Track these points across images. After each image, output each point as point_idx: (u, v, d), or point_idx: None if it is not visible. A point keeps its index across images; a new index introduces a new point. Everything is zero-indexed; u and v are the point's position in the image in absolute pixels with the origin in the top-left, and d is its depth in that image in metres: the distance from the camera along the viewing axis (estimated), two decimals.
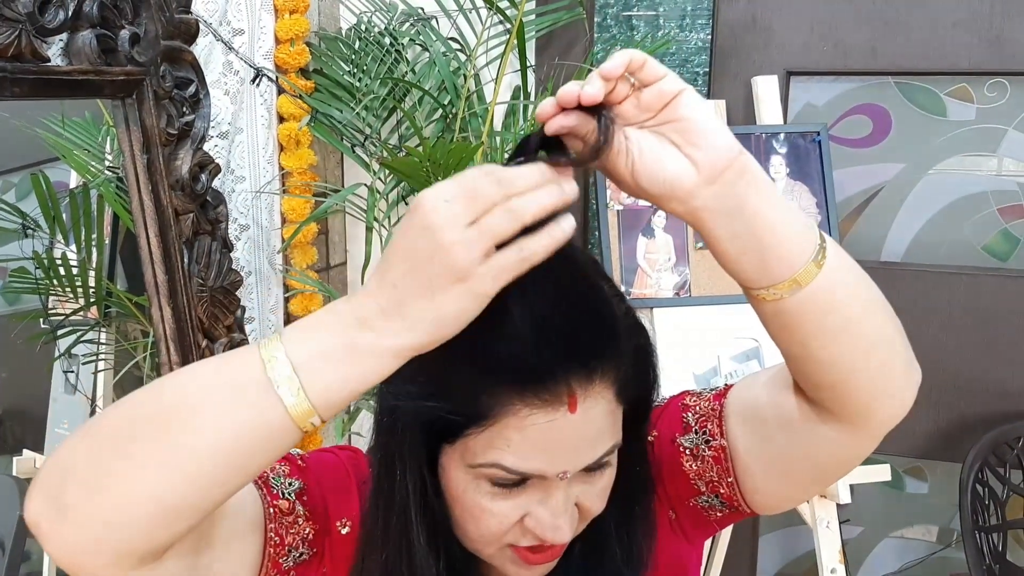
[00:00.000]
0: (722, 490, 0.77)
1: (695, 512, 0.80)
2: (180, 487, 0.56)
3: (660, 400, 0.80)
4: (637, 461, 0.75)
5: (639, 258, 1.74)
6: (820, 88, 1.95)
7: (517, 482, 0.66)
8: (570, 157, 0.60)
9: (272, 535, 0.71)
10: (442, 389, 0.64)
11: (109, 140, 1.62)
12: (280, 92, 1.78)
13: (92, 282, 1.66)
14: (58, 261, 1.64)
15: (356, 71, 1.79)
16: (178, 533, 0.58)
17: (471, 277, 0.55)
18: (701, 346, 1.69)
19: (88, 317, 1.68)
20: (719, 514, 0.79)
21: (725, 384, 0.80)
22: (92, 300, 1.67)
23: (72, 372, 1.75)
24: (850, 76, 1.91)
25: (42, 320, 1.70)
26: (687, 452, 0.78)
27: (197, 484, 0.56)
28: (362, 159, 1.80)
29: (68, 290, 1.65)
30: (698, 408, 0.79)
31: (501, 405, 0.63)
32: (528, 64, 1.65)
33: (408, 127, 1.83)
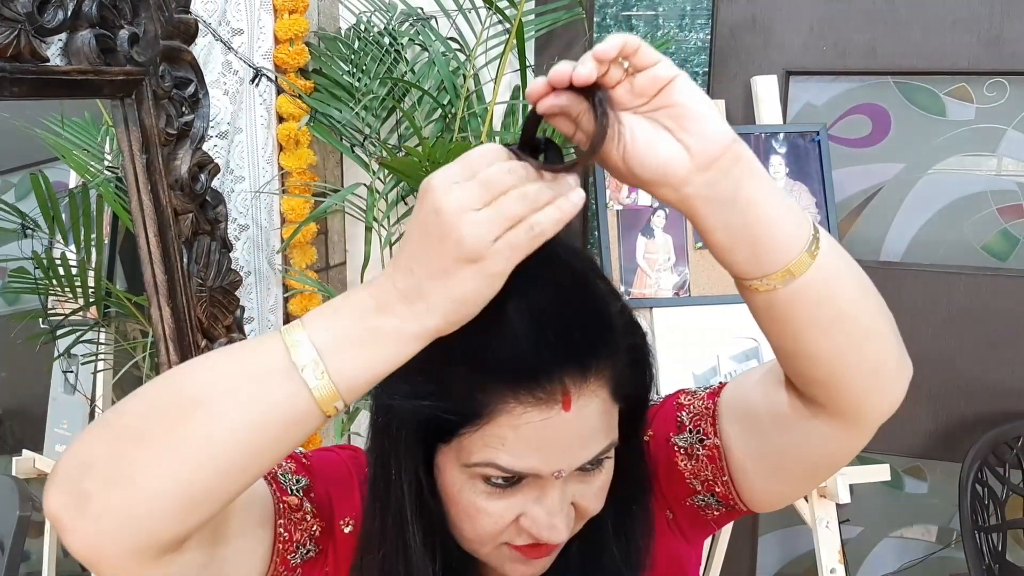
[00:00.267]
0: (718, 489, 0.77)
1: (692, 511, 0.80)
2: (204, 474, 0.56)
3: (656, 399, 0.80)
4: (634, 460, 0.75)
5: (638, 258, 1.73)
6: (819, 88, 1.94)
7: (512, 481, 0.66)
8: (568, 163, 0.59)
9: (282, 531, 0.71)
10: (437, 388, 0.64)
11: (108, 140, 1.63)
12: (279, 92, 1.78)
13: (91, 282, 1.66)
14: (57, 261, 1.64)
15: (355, 71, 1.80)
16: (199, 522, 0.58)
17: (484, 257, 0.55)
18: (700, 346, 1.69)
19: (87, 317, 1.68)
20: (716, 513, 0.79)
21: (720, 382, 0.80)
22: (91, 300, 1.67)
23: (71, 372, 1.75)
24: (849, 76, 1.91)
25: (41, 320, 1.70)
26: (682, 451, 0.78)
27: (221, 470, 0.57)
28: (361, 159, 1.80)
29: (67, 290, 1.65)
30: (692, 407, 0.79)
31: (495, 403, 0.63)
32: (527, 64, 1.65)
33: (407, 127, 1.83)
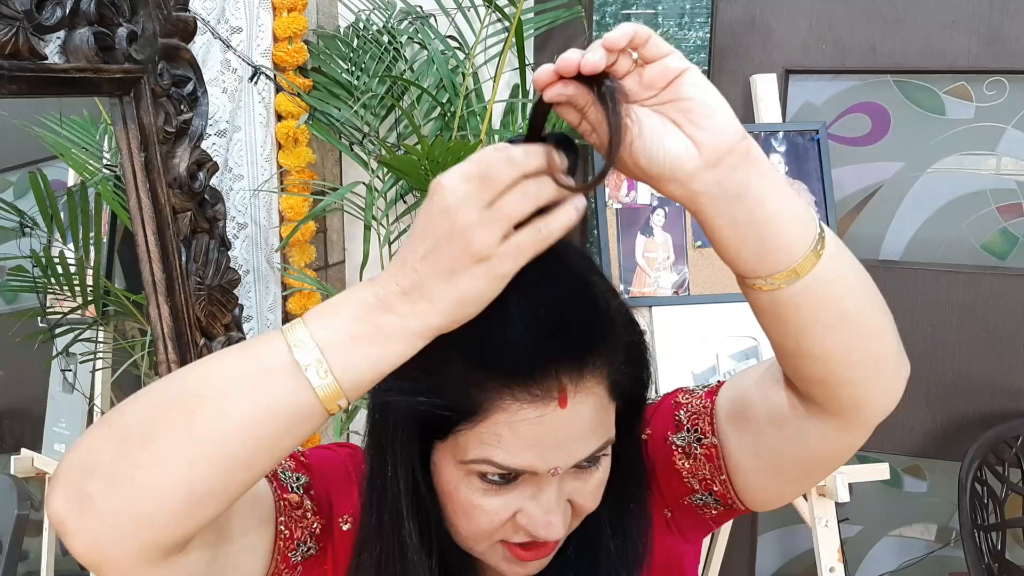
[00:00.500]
0: (715, 488, 0.77)
1: (690, 510, 0.80)
2: (209, 473, 0.56)
3: (654, 398, 0.80)
4: (632, 458, 0.75)
5: (638, 257, 1.73)
6: (819, 86, 1.94)
7: (508, 478, 0.66)
8: (593, 179, 0.58)
9: (283, 528, 0.71)
10: (433, 385, 0.64)
11: (107, 138, 1.62)
12: (278, 90, 1.78)
13: (90, 280, 1.66)
14: (56, 259, 1.63)
15: (354, 69, 1.79)
16: (204, 521, 0.58)
17: (490, 258, 0.55)
18: (700, 345, 1.69)
19: (86, 315, 1.68)
20: (714, 512, 0.79)
21: (718, 381, 0.79)
22: (90, 299, 1.66)
23: (70, 371, 1.75)
24: (849, 75, 1.91)
25: (40, 319, 1.70)
26: (679, 450, 0.77)
27: (225, 469, 0.57)
28: (360, 157, 1.80)
29: (66, 288, 1.64)
30: (690, 406, 0.78)
31: (491, 400, 0.63)
32: (527, 62, 1.64)
33: (406, 125, 1.83)
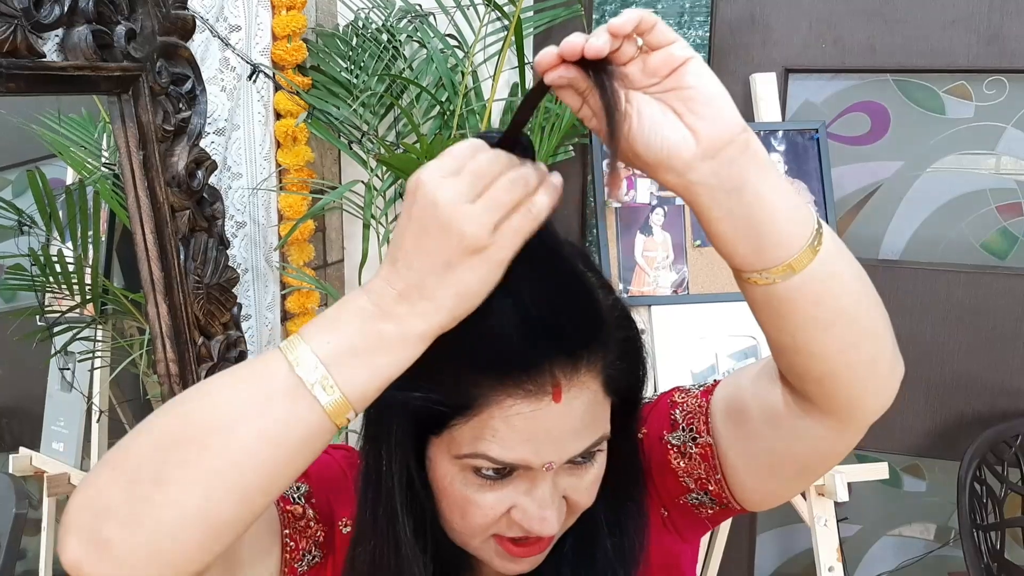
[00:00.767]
0: (711, 487, 0.77)
1: (686, 510, 0.80)
2: (226, 504, 0.55)
3: (651, 397, 0.80)
4: (628, 455, 0.75)
5: (637, 256, 1.73)
6: (818, 85, 1.94)
7: (503, 473, 0.66)
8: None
9: (288, 540, 0.71)
10: (428, 379, 0.64)
11: (105, 136, 1.63)
12: (277, 88, 1.78)
13: (88, 279, 1.66)
14: (54, 258, 1.63)
15: (353, 68, 1.79)
16: (222, 549, 0.57)
17: (487, 246, 0.55)
18: (699, 344, 1.69)
19: (84, 314, 1.68)
20: (710, 511, 0.79)
21: (714, 380, 0.79)
22: (88, 297, 1.66)
23: (68, 369, 1.75)
24: (848, 73, 1.91)
25: (38, 317, 1.70)
26: (675, 450, 0.77)
27: (242, 498, 0.56)
28: (359, 156, 1.80)
29: (64, 287, 1.64)
30: (686, 405, 0.78)
31: (485, 395, 0.63)
32: (526, 61, 1.64)
33: (405, 124, 1.83)
